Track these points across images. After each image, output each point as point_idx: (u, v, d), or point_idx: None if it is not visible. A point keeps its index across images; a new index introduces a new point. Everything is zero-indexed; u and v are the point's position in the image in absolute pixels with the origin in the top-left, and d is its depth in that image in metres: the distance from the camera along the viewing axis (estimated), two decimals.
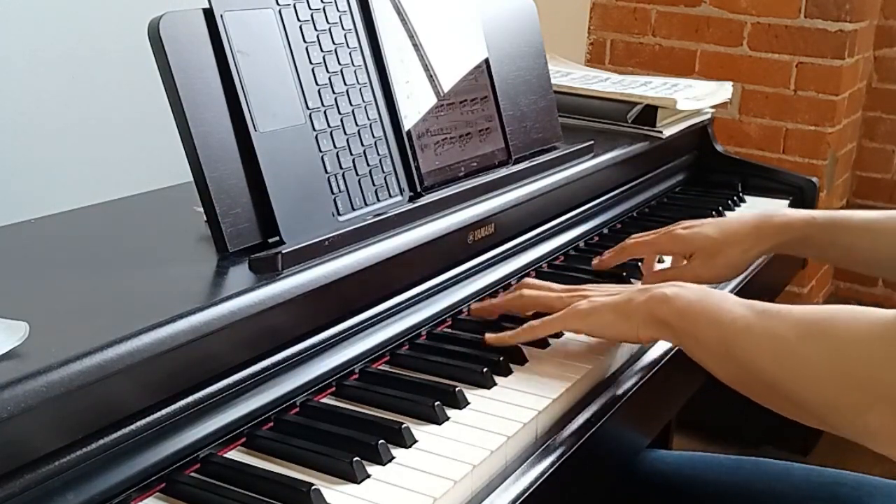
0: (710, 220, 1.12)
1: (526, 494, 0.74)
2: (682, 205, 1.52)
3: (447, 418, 0.80)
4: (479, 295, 1.05)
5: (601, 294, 0.92)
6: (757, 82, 2.39)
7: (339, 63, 0.95)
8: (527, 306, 0.95)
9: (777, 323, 0.77)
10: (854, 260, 1.10)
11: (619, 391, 0.91)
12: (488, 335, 0.93)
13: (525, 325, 0.92)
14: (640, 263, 1.15)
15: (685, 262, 1.10)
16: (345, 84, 0.95)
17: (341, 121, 0.93)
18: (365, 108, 0.96)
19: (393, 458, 0.73)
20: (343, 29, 0.96)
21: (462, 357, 0.90)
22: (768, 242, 1.08)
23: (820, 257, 1.16)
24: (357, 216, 0.92)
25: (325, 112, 0.92)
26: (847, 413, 0.72)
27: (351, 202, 0.92)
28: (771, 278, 1.40)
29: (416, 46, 1.05)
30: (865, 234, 1.05)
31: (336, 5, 0.96)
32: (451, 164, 1.07)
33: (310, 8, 0.93)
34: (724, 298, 0.83)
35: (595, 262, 1.14)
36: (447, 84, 1.09)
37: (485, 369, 0.87)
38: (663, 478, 1.10)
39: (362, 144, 0.95)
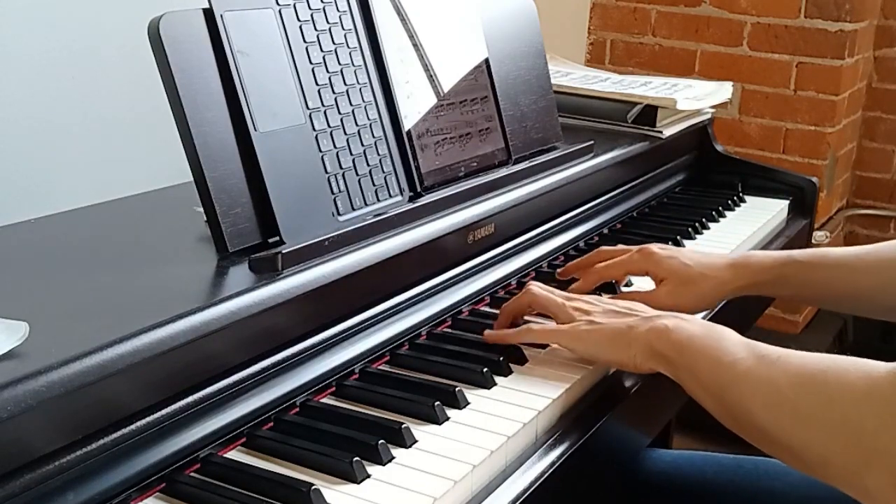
0: (687, 249, 1.08)
1: (526, 494, 0.74)
2: (682, 205, 1.52)
3: (447, 418, 0.80)
4: (479, 295, 1.05)
5: (602, 312, 0.91)
6: (757, 82, 2.39)
7: (339, 63, 0.95)
8: (532, 303, 0.95)
9: (774, 371, 0.76)
10: (831, 298, 1.08)
11: (619, 391, 0.91)
12: (487, 331, 0.94)
13: (524, 327, 0.92)
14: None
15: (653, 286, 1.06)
16: (345, 84, 0.95)
17: (341, 121, 0.93)
18: (365, 108, 0.96)
19: (393, 458, 0.73)
20: (343, 29, 0.96)
21: (462, 357, 0.90)
22: (743, 281, 1.04)
23: (796, 297, 1.11)
24: (357, 216, 0.92)
25: (325, 112, 0.92)
26: (841, 470, 0.71)
27: (351, 202, 0.92)
28: None
29: (416, 46, 1.05)
30: (842, 271, 1.03)
31: (336, 5, 0.96)
32: (451, 164, 1.07)
33: (310, 8, 0.93)
34: (725, 337, 0.81)
35: (559, 278, 1.10)
36: (447, 84, 1.09)
37: (485, 369, 0.87)
38: (663, 477, 1.10)
39: (362, 144, 0.95)
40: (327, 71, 0.93)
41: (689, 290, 1.03)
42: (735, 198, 1.54)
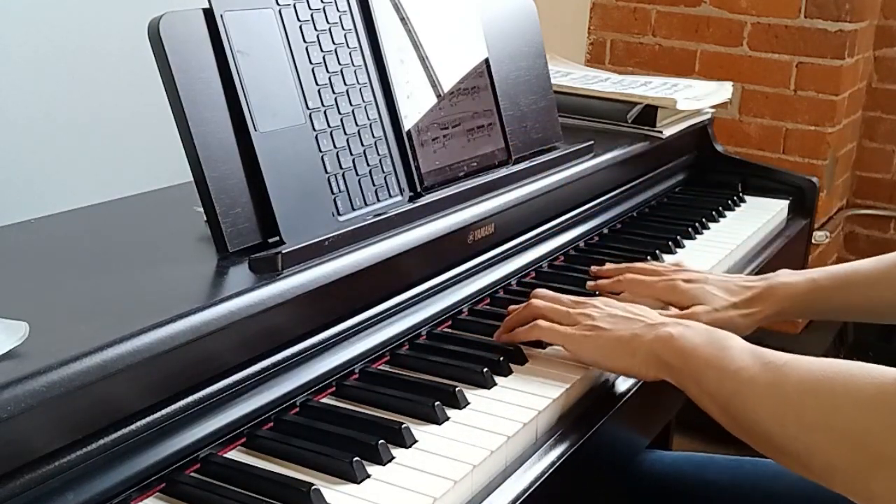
0: (713, 276, 1.07)
1: (526, 494, 0.74)
2: (682, 205, 1.52)
3: (447, 418, 0.80)
4: (479, 295, 1.05)
5: (608, 318, 0.90)
6: (757, 82, 2.39)
7: (339, 63, 0.95)
8: (536, 316, 0.94)
9: (779, 377, 0.75)
10: (854, 313, 1.09)
11: (619, 391, 0.91)
12: (497, 332, 0.95)
13: (533, 323, 0.92)
14: None
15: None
16: (345, 84, 0.95)
17: (341, 121, 0.93)
18: (365, 108, 0.96)
19: (393, 458, 0.73)
20: (343, 29, 0.96)
21: (462, 357, 0.90)
22: (769, 312, 1.04)
23: (828, 316, 1.14)
24: (357, 216, 0.92)
25: (325, 112, 0.92)
26: (847, 476, 0.70)
27: (351, 202, 0.92)
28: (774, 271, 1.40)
29: (417, 46, 1.05)
30: (865, 288, 1.03)
31: (336, 5, 0.96)
32: (451, 164, 1.07)
33: (310, 8, 0.93)
34: (729, 344, 0.81)
35: (593, 274, 1.11)
36: (447, 84, 1.09)
37: (485, 369, 0.87)
38: (663, 478, 1.10)
39: (362, 144, 0.95)
40: (327, 71, 0.93)
41: (718, 319, 1.01)
42: (735, 198, 1.54)
